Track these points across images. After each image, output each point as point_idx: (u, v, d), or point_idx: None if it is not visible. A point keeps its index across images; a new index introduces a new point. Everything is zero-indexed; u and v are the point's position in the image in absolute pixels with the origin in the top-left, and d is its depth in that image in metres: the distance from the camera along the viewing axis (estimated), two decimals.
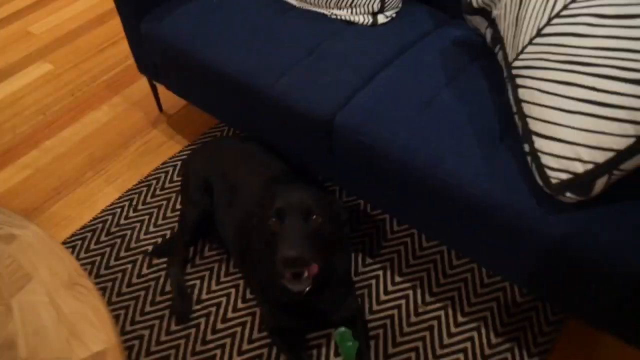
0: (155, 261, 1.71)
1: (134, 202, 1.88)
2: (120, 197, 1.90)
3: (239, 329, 1.54)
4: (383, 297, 1.60)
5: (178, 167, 1.97)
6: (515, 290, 1.60)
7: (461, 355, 1.47)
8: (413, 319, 1.55)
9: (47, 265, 1.15)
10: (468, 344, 1.50)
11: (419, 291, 1.61)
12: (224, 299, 1.61)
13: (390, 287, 1.62)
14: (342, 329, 1.47)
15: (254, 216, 1.38)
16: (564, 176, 1.13)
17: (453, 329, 1.53)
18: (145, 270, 1.69)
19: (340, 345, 1.45)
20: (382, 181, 1.46)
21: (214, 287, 1.64)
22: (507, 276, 1.42)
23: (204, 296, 1.62)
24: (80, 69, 2.48)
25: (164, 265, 1.69)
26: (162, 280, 1.66)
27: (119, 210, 1.86)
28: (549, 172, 1.14)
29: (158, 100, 2.20)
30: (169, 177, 1.95)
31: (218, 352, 1.50)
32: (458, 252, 1.69)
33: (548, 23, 1.19)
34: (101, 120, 2.22)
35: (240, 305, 1.59)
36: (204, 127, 2.14)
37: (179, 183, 1.90)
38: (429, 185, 1.32)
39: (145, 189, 1.92)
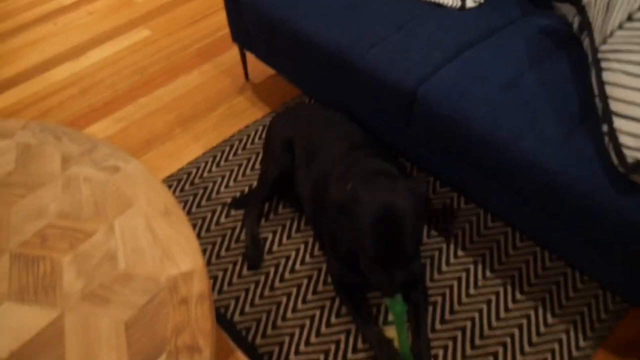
0: (233, 212, 1.84)
1: (217, 159, 2.02)
2: (204, 154, 2.05)
3: (305, 280, 1.65)
4: (444, 268, 1.66)
5: (259, 131, 2.10)
6: (577, 276, 1.62)
7: (515, 330, 1.52)
8: (472, 291, 1.60)
9: (145, 195, 1.28)
10: (524, 321, 1.53)
11: (480, 267, 1.66)
12: (293, 253, 1.72)
13: (452, 260, 1.68)
14: None
15: (330, 178, 1.49)
16: None
17: (510, 305, 1.57)
18: (223, 220, 1.82)
19: (390, 307, 1.51)
20: (458, 156, 1.52)
21: (284, 241, 1.75)
22: (572, 259, 1.46)
23: (274, 248, 1.73)
24: (176, 36, 2.67)
25: (241, 217, 1.81)
26: (237, 230, 1.79)
27: (202, 164, 2.00)
28: (626, 151, 1.17)
29: (246, 69, 2.33)
30: (250, 139, 2.08)
31: (284, 298, 1.61)
32: (523, 234, 1.72)
33: None
34: (192, 84, 2.39)
35: (308, 260, 1.70)
36: (286, 97, 2.26)
37: (260, 145, 2.02)
38: (506, 160, 1.37)
39: (227, 148, 2.06)
